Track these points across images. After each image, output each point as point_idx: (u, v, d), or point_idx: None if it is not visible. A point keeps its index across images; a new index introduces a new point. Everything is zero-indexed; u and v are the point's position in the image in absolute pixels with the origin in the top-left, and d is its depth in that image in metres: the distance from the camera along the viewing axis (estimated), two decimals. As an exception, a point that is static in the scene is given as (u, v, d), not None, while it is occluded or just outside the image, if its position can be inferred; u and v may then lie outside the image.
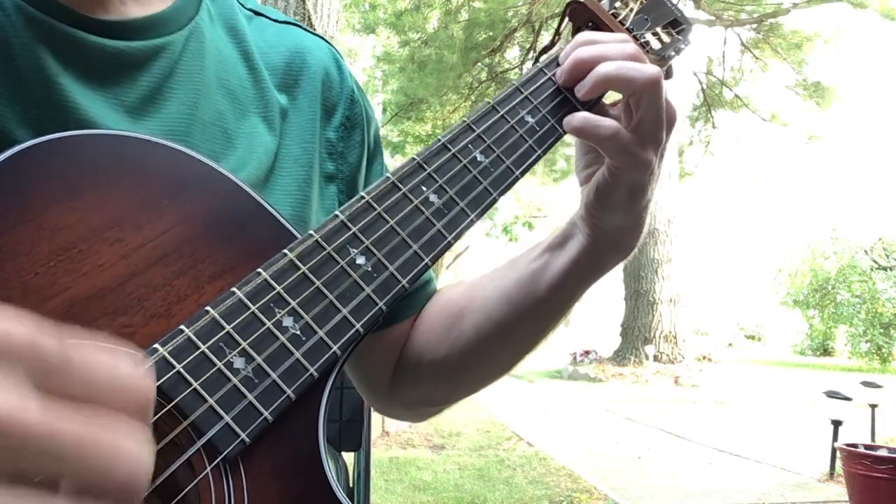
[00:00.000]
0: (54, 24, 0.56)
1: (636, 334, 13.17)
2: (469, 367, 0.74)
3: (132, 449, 0.30)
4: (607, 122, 0.60)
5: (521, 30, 12.36)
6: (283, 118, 0.68)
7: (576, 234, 0.67)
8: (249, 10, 0.73)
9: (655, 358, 12.82)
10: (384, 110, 15.56)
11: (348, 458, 1.31)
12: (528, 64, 0.68)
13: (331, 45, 0.76)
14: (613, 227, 0.65)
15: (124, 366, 0.31)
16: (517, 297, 0.69)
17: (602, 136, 0.60)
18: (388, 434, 6.61)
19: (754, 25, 13.45)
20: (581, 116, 0.61)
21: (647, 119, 0.60)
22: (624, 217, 0.64)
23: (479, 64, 12.64)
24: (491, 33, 12.39)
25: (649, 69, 0.59)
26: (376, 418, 6.05)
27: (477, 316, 0.71)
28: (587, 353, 14.31)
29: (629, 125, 0.61)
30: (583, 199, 0.66)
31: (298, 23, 0.76)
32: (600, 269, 0.68)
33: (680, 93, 14.46)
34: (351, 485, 1.31)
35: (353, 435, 1.27)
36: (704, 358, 14.49)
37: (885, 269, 17.18)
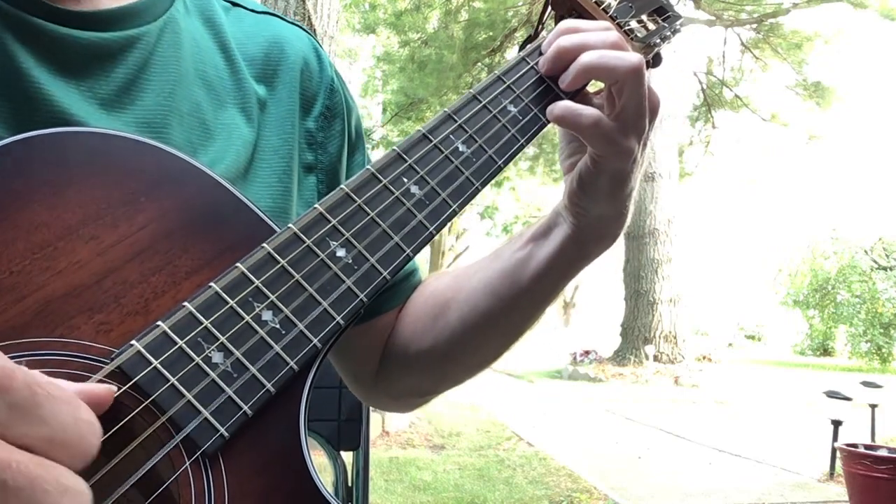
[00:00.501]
0: (25, 16, 0.55)
1: (636, 334, 13.14)
2: (455, 357, 0.74)
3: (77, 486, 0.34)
4: (589, 111, 0.60)
5: (521, 30, 12.33)
6: (262, 109, 0.68)
7: (560, 224, 0.67)
8: (227, 1, 0.72)
9: (655, 358, 12.79)
10: (384, 110, 15.57)
11: (347, 457, 1.30)
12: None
13: (310, 34, 0.76)
14: (597, 215, 0.64)
15: (83, 413, 0.35)
16: (501, 287, 0.69)
17: (583, 125, 0.60)
18: (387, 434, 6.60)
19: (754, 25, 13.44)
20: (562, 105, 0.61)
21: (629, 107, 0.59)
22: (607, 206, 0.64)
23: (479, 64, 12.62)
24: (491, 33, 12.38)
25: (631, 57, 0.59)
26: (376, 418, 6.05)
27: (462, 307, 0.71)
28: (587, 353, 14.29)
29: (611, 114, 0.60)
30: (566, 188, 0.65)
31: (277, 13, 0.75)
32: (584, 259, 0.67)
33: (680, 93, 14.46)
34: (349, 484, 1.30)
35: (351, 434, 1.26)
36: (704, 358, 14.47)
37: (885, 269, 17.15)
